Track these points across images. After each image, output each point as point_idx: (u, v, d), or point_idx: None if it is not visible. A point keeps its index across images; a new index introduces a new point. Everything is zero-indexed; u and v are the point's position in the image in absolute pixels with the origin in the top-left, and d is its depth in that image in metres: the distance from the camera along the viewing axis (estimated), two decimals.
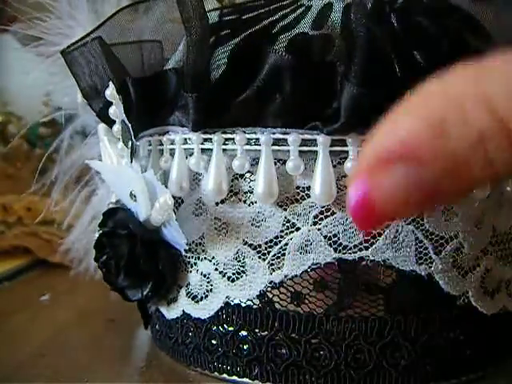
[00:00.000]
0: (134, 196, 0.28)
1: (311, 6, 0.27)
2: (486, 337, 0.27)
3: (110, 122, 0.30)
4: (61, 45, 0.32)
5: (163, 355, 0.31)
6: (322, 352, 0.25)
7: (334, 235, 0.25)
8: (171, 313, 0.29)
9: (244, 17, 0.28)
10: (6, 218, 0.54)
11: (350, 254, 0.25)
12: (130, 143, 0.28)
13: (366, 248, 0.25)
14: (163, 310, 0.30)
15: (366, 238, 0.25)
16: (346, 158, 0.25)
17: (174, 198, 0.28)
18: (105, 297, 0.39)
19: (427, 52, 0.25)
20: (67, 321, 0.38)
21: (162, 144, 0.29)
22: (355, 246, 0.25)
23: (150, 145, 0.30)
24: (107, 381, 0.28)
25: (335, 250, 0.25)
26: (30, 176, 0.38)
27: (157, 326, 0.31)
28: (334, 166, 0.25)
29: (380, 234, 0.25)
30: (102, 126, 0.31)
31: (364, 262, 0.25)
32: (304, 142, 0.25)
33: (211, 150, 0.26)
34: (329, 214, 0.25)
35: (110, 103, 0.29)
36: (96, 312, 0.39)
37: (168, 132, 0.28)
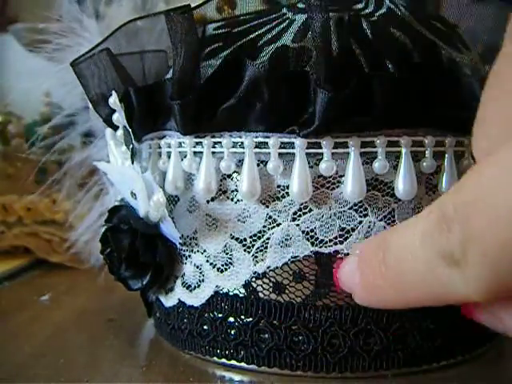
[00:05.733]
0: (134, 194, 0.31)
1: (294, 19, 0.29)
2: (457, 327, 0.29)
3: (115, 127, 0.33)
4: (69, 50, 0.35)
5: (163, 355, 0.31)
6: (300, 337, 0.28)
7: (311, 230, 0.27)
8: (169, 301, 0.32)
9: (235, 30, 0.31)
10: (6, 218, 0.53)
11: (325, 247, 0.27)
12: (130, 146, 0.31)
13: (341, 242, 0.27)
14: (162, 298, 0.33)
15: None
16: (321, 160, 0.27)
17: (171, 196, 0.31)
18: (105, 297, 0.41)
19: (398, 61, 0.27)
20: (67, 321, 0.38)
21: (160, 147, 0.31)
22: (330, 240, 0.27)
23: (150, 148, 0.32)
24: (107, 381, 0.28)
25: (312, 243, 0.27)
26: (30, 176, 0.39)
27: (157, 314, 0.34)
28: (311, 167, 0.27)
29: (353, 230, 0.27)
30: (108, 131, 0.34)
31: (339, 255, 0.27)
32: (283, 145, 0.27)
33: (202, 152, 0.29)
34: (306, 210, 0.27)
35: (115, 110, 0.32)
36: (96, 312, 0.39)
37: (165, 136, 0.31)
